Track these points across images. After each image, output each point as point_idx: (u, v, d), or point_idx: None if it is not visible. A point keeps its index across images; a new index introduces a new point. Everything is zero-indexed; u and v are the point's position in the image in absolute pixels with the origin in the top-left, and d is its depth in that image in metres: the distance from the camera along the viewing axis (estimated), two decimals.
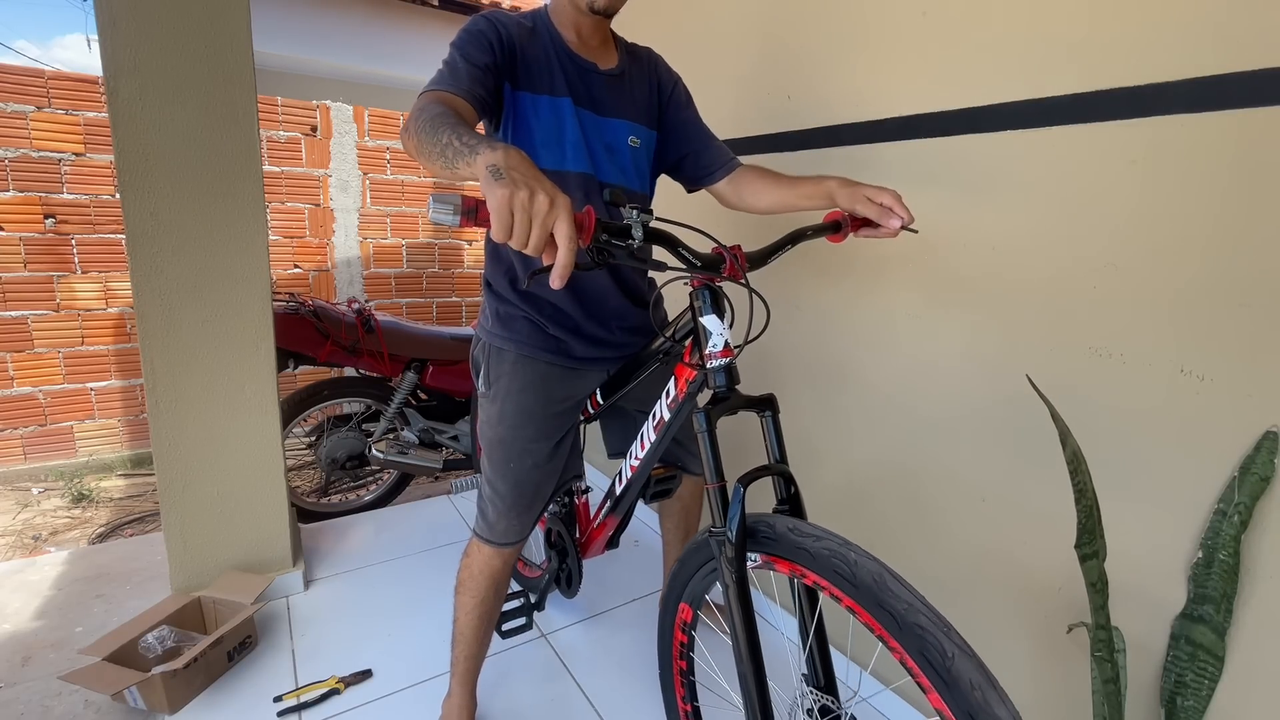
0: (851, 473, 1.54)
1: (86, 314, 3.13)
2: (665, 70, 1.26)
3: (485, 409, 1.23)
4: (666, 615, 1.10)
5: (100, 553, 2.11)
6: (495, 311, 1.21)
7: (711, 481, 0.90)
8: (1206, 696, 0.93)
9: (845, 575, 0.76)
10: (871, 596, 0.73)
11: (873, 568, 0.75)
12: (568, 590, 1.53)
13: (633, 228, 0.77)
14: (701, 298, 0.93)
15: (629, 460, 1.23)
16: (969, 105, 1.20)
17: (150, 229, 1.51)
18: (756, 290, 0.93)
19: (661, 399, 1.09)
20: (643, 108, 1.20)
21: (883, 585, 0.73)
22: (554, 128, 1.09)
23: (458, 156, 0.73)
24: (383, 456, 2.43)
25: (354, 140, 3.67)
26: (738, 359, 0.94)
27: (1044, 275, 1.12)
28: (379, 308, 3.85)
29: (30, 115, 2.86)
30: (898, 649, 0.71)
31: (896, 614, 0.71)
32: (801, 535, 0.83)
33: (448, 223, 0.65)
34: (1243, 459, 0.90)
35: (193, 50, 1.49)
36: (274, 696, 1.45)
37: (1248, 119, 0.87)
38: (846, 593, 0.76)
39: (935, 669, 0.67)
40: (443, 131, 0.77)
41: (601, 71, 1.13)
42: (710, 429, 0.90)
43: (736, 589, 0.86)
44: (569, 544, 1.49)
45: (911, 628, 0.69)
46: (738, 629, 0.86)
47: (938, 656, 0.67)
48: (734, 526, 0.85)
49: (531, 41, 1.08)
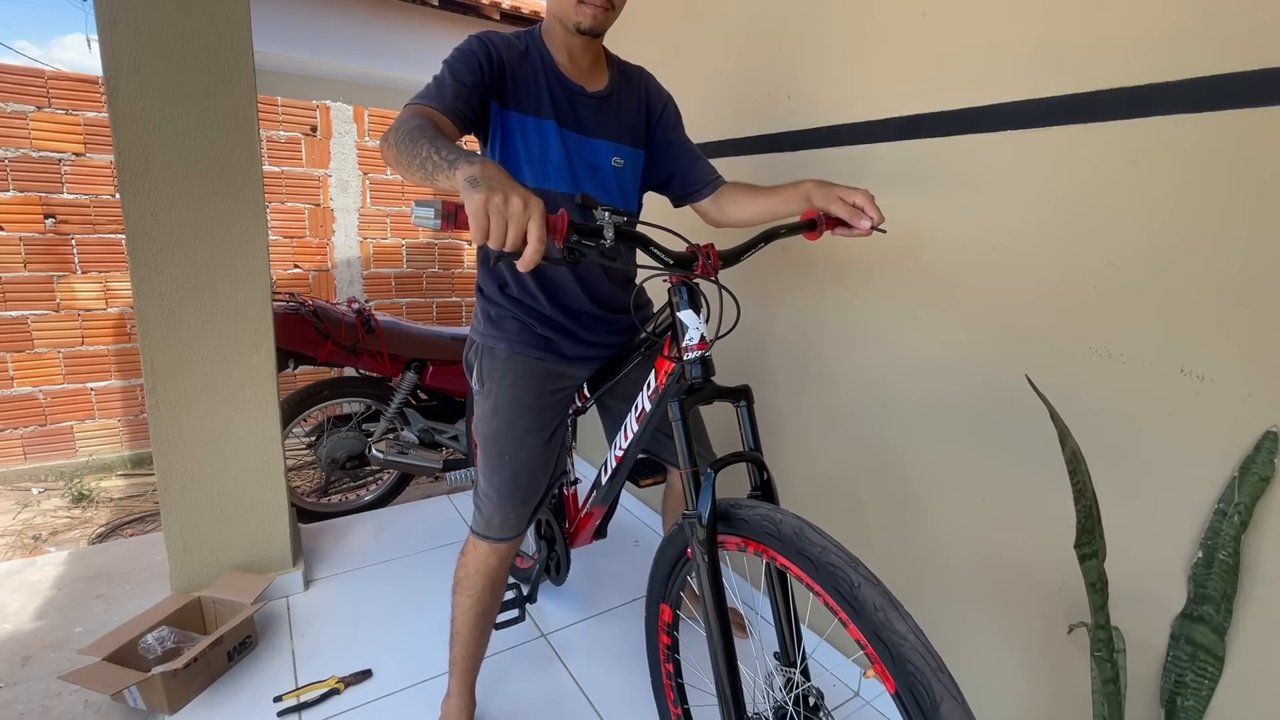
0: (851, 472, 1.54)
1: (86, 314, 3.12)
2: (656, 91, 1.29)
3: (480, 406, 1.25)
4: (650, 619, 1.14)
5: (100, 553, 2.11)
6: (486, 314, 1.24)
7: (685, 467, 0.94)
8: (1206, 696, 0.93)
9: (773, 534, 0.84)
10: (793, 546, 0.82)
11: (793, 523, 0.84)
12: (556, 578, 1.57)
13: (604, 228, 0.82)
14: (679, 294, 0.97)
15: (614, 450, 1.26)
16: (969, 105, 1.20)
17: (150, 229, 1.51)
18: (727, 287, 0.96)
19: (643, 391, 1.13)
20: (629, 129, 1.23)
21: (801, 535, 0.82)
22: (539, 148, 1.13)
23: (436, 170, 0.78)
24: (383, 456, 2.43)
25: (354, 140, 3.67)
26: (728, 353, 0.97)
27: (1044, 275, 1.12)
28: (379, 308, 3.85)
29: (30, 115, 2.86)
30: (820, 592, 0.79)
31: (812, 557, 0.79)
32: (765, 516, 0.87)
33: (430, 226, 0.71)
34: (1243, 459, 0.90)
35: (193, 50, 1.49)
36: (274, 696, 1.45)
37: (1248, 119, 0.87)
38: (780, 550, 0.83)
39: (845, 599, 0.75)
40: (421, 144, 0.82)
41: (589, 94, 1.17)
42: (684, 417, 0.95)
43: (708, 568, 0.90)
44: (558, 532, 1.54)
45: (825, 566, 0.78)
46: (709, 608, 0.90)
47: (846, 587, 0.75)
48: (705, 509, 0.89)
49: (523, 63, 1.12)
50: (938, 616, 1.34)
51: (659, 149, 1.29)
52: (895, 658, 0.70)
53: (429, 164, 0.80)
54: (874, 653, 0.72)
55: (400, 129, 0.88)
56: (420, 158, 0.81)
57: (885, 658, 0.71)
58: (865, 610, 0.73)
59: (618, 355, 1.24)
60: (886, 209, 1.38)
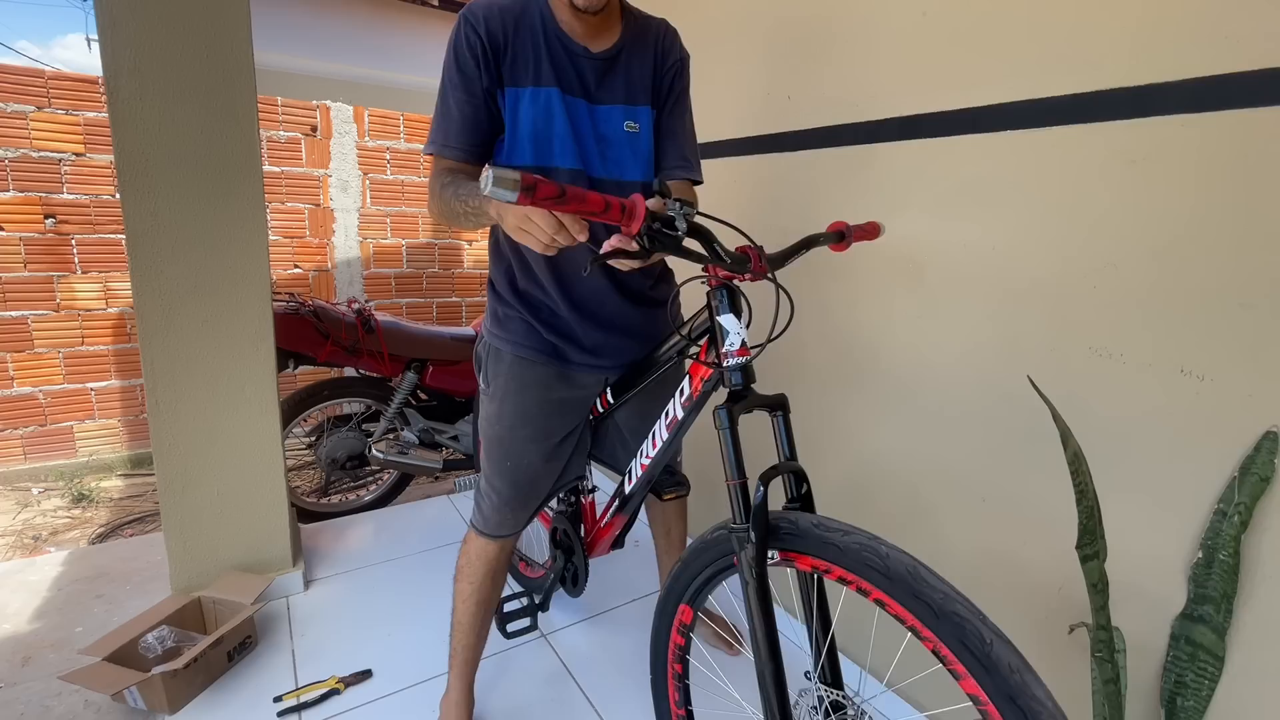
0: (851, 472, 1.54)
1: (86, 314, 3.12)
2: (670, 46, 1.18)
3: (485, 406, 1.24)
4: (664, 617, 1.10)
5: (100, 553, 2.11)
6: (495, 312, 1.21)
7: (732, 478, 0.90)
8: (1206, 696, 0.93)
9: (878, 568, 0.78)
10: (906, 588, 0.75)
11: (906, 560, 0.78)
12: (573, 589, 1.53)
13: (675, 219, 0.79)
14: (719, 296, 0.93)
15: (639, 459, 1.21)
16: (969, 105, 1.20)
17: (150, 229, 1.51)
18: (783, 287, 0.91)
19: (675, 397, 1.09)
20: (639, 87, 1.13)
21: (917, 576, 0.76)
22: (543, 121, 1.05)
23: (474, 216, 0.96)
24: (383, 456, 2.43)
25: (354, 140, 3.67)
26: (759, 356, 0.94)
27: (1044, 275, 1.12)
28: (379, 308, 3.84)
29: (30, 115, 2.86)
30: (930, 638, 0.73)
31: (933, 603, 0.73)
32: (828, 530, 0.83)
33: (506, 199, 0.67)
34: (1243, 459, 0.90)
35: (193, 50, 1.49)
36: (274, 696, 1.45)
37: (1248, 119, 0.87)
38: (879, 585, 0.78)
39: (975, 655, 0.70)
40: (450, 201, 0.99)
41: (594, 55, 1.07)
42: (731, 426, 0.90)
43: (756, 586, 0.86)
44: (576, 542, 1.49)
45: (949, 616, 0.72)
46: (757, 627, 0.86)
47: (976, 643, 0.70)
48: (756, 523, 0.85)
49: (519, 29, 1.03)
50: None
51: (660, 105, 1.18)
52: None
53: (466, 218, 0.97)
54: (998, 715, 0.68)
55: (433, 199, 1.04)
56: (459, 214, 0.97)
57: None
58: (999, 671, 0.68)
59: (646, 359, 1.19)
60: (887, 209, 1.39)
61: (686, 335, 1.06)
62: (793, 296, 0.92)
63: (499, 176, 0.65)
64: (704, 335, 1.03)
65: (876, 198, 1.39)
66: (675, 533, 1.63)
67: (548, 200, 0.69)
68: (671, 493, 1.33)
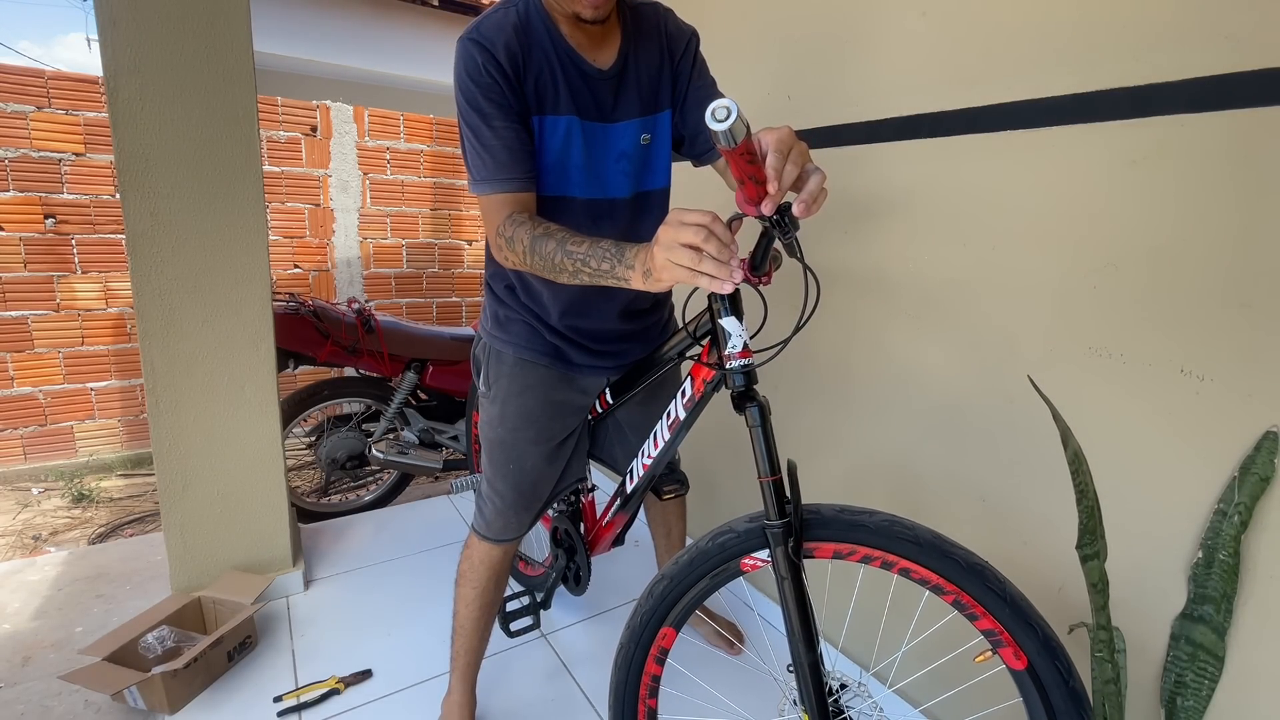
0: (850, 472, 1.53)
1: (86, 314, 3.12)
2: (675, 32, 1.13)
3: (486, 409, 1.23)
4: (638, 646, 1.02)
5: (100, 553, 2.11)
6: (494, 314, 1.20)
7: (765, 475, 0.90)
8: (1206, 696, 0.93)
9: (908, 539, 0.88)
10: (936, 549, 0.87)
11: (927, 530, 0.89)
12: (576, 588, 1.53)
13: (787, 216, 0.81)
14: (720, 300, 0.92)
15: (641, 459, 1.21)
16: (969, 105, 1.20)
17: (150, 229, 1.51)
18: (812, 269, 0.90)
19: (677, 398, 1.09)
20: (653, 94, 1.09)
21: (942, 539, 0.88)
22: (561, 150, 1.02)
23: (603, 277, 0.84)
24: (383, 456, 2.43)
25: (354, 140, 3.67)
26: (790, 346, 0.94)
27: (1044, 275, 1.12)
28: (379, 308, 3.85)
29: (30, 115, 2.86)
30: (953, 590, 0.86)
31: (960, 559, 0.86)
32: (855, 514, 0.91)
33: (727, 145, 0.64)
34: (1243, 459, 0.90)
35: (193, 50, 1.49)
36: (274, 696, 1.45)
37: (1248, 119, 0.87)
38: (908, 554, 0.88)
39: (995, 592, 0.84)
40: (558, 257, 0.87)
41: (605, 74, 1.03)
42: (764, 423, 0.90)
43: (793, 581, 0.89)
44: (578, 542, 1.49)
45: (974, 567, 0.86)
46: (794, 624, 0.90)
47: (996, 583, 0.85)
48: (795, 517, 0.89)
49: (531, 51, 0.97)
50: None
51: (679, 101, 1.14)
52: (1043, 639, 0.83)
53: (582, 276, 0.86)
54: (1012, 639, 0.83)
55: (514, 252, 0.93)
56: (570, 271, 0.87)
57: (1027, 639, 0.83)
58: (1017, 604, 0.84)
59: (646, 360, 1.19)
60: (887, 209, 1.39)
61: (692, 333, 1.07)
62: (792, 300, 0.92)
63: (742, 121, 0.63)
64: (706, 335, 1.04)
65: (876, 197, 1.39)
66: (675, 532, 1.63)
67: (745, 156, 0.67)
68: (671, 491, 1.33)
